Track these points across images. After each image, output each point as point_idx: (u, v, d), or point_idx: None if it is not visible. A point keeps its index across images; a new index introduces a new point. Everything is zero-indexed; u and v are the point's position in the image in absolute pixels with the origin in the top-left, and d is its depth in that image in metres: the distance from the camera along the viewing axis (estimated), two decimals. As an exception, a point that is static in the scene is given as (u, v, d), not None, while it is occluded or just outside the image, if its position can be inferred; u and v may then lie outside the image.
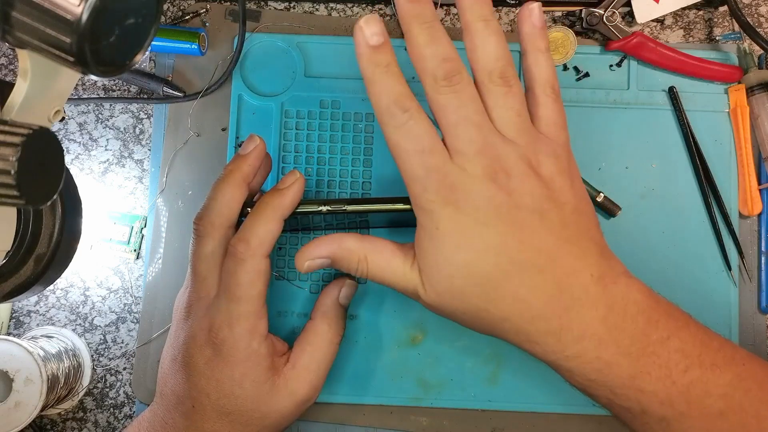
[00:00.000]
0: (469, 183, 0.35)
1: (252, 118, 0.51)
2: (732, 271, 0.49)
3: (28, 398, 0.44)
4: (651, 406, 0.37)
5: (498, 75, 0.36)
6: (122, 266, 0.51)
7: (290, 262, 0.50)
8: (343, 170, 0.50)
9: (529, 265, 0.36)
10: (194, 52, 0.50)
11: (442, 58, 0.35)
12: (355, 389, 0.49)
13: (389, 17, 0.52)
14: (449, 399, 0.49)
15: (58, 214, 0.33)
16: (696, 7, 0.52)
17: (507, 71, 0.36)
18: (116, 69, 0.27)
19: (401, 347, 0.49)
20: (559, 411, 0.49)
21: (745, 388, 0.37)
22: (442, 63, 0.35)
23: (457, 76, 0.35)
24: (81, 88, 0.53)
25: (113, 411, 0.50)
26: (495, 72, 0.36)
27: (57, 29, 0.24)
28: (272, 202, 0.41)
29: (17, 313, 0.51)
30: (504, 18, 0.52)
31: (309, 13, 0.53)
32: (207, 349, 0.41)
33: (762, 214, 0.50)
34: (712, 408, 0.36)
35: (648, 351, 0.36)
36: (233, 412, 0.41)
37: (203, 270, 0.42)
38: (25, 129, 0.25)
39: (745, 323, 0.50)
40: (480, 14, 0.36)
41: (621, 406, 0.38)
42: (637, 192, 0.50)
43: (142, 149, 0.52)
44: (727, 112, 0.51)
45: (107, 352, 0.51)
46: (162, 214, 0.51)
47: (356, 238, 0.40)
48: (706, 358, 0.37)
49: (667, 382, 0.36)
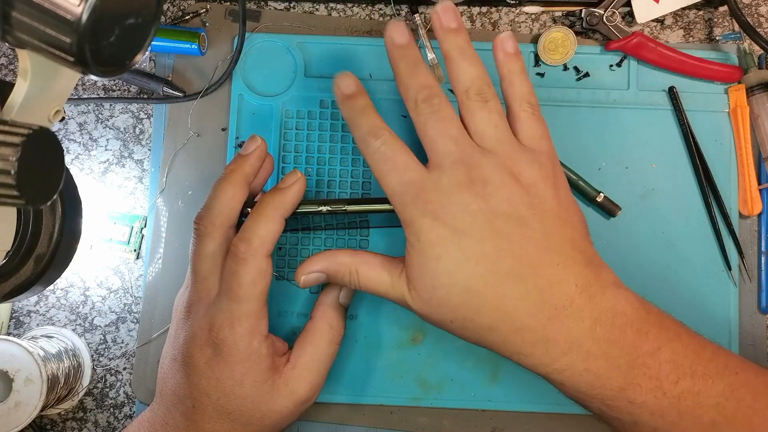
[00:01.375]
0: (445, 193, 0.37)
1: (252, 118, 0.51)
2: (732, 271, 0.49)
3: (28, 398, 0.44)
4: (642, 417, 0.37)
5: (475, 92, 0.39)
6: (122, 266, 0.51)
7: (290, 262, 0.50)
8: (343, 170, 0.50)
9: (510, 274, 0.36)
10: (194, 52, 0.50)
11: (422, 85, 0.39)
12: (355, 389, 0.49)
13: (389, 17, 0.52)
14: (449, 399, 0.49)
15: (58, 214, 0.33)
16: (696, 7, 0.52)
17: (483, 88, 0.39)
18: (116, 69, 0.27)
19: (401, 347, 0.49)
20: (559, 411, 0.49)
21: (737, 398, 0.37)
22: (421, 89, 0.39)
23: (436, 99, 0.39)
24: (81, 88, 0.53)
25: (113, 411, 0.50)
26: (472, 89, 0.39)
27: (57, 29, 0.24)
28: (273, 202, 0.41)
29: (17, 313, 0.51)
30: (504, 18, 0.52)
31: (309, 13, 0.53)
32: (207, 348, 0.41)
33: (762, 214, 0.50)
34: (704, 419, 0.36)
35: (638, 363, 0.36)
36: (233, 411, 0.41)
37: (204, 270, 0.42)
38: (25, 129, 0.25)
39: (745, 323, 0.50)
40: (456, 44, 0.40)
41: (613, 417, 0.38)
42: (637, 192, 0.50)
43: (142, 149, 0.52)
44: (727, 112, 0.51)
45: (107, 352, 0.51)
46: (162, 214, 0.51)
47: (348, 253, 0.41)
48: (698, 368, 0.37)
49: (658, 393, 0.36)
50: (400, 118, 0.51)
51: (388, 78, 0.51)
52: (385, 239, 0.50)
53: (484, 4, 0.52)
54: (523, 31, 0.52)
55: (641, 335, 0.37)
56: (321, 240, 0.50)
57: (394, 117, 0.51)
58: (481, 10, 0.52)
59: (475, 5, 0.52)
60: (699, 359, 0.37)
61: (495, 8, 0.52)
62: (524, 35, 0.52)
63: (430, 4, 0.52)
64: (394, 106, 0.51)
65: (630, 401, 0.36)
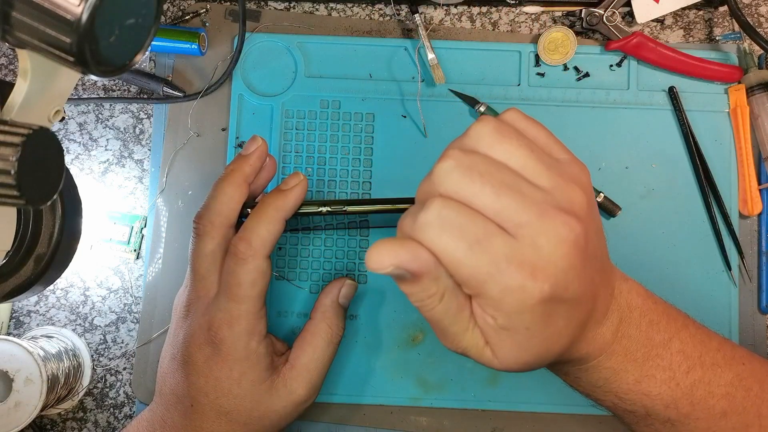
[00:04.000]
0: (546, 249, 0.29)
1: (252, 118, 0.51)
2: (732, 271, 0.49)
3: (28, 398, 0.44)
4: (655, 408, 0.36)
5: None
6: (122, 266, 0.51)
7: (290, 262, 0.50)
8: (343, 170, 0.50)
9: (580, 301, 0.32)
10: (194, 52, 0.50)
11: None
12: (355, 389, 0.49)
13: (389, 17, 0.52)
14: (449, 399, 0.49)
15: (58, 214, 0.33)
16: (696, 7, 0.52)
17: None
18: (116, 69, 0.27)
19: (401, 347, 0.49)
20: (559, 411, 0.49)
21: (746, 387, 0.37)
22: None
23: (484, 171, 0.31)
24: (81, 88, 0.53)
25: (113, 411, 0.50)
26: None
27: (57, 29, 0.24)
28: (275, 203, 0.41)
29: (17, 313, 0.51)
30: (504, 18, 0.52)
31: (309, 13, 0.53)
32: (206, 347, 0.41)
33: (762, 214, 0.50)
34: (716, 409, 0.36)
35: (652, 354, 0.36)
36: (232, 411, 0.41)
37: (203, 269, 0.42)
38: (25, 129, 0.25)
39: (745, 323, 0.50)
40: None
41: (626, 410, 0.37)
42: (637, 192, 0.50)
43: (142, 149, 0.52)
44: (727, 112, 0.51)
45: (107, 352, 0.51)
46: (162, 214, 0.51)
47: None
48: (707, 358, 0.37)
49: (672, 384, 0.36)
50: (400, 118, 0.51)
51: (387, 78, 0.51)
52: (385, 239, 0.50)
53: (484, 4, 0.52)
54: (523, 31, 0.52)
55: (653, 326, 0.36)
56: (321, 240, 0.50)
57: (394, 117, 0.51)
58: (481, 10, 0.52)
59: (475, 5, 0.52)
60: (707, 349, 0.37)
61: (495, 8, 0.52)
62: (524, 35, 0.52)
63: (430, 4, 0.52)
64: (394, 106, 0.51)
65: (645, 394, 0.36)
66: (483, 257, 0.28)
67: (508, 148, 0.30)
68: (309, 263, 0.50)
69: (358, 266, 0.50)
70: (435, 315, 0.31)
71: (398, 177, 0.50)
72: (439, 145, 0.50)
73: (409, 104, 0.51)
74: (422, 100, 0.51)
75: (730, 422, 0.36)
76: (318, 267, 0.50)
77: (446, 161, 0.30)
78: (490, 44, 0.52)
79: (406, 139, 0.51)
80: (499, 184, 0.29)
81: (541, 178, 0.30)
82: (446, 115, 0.51)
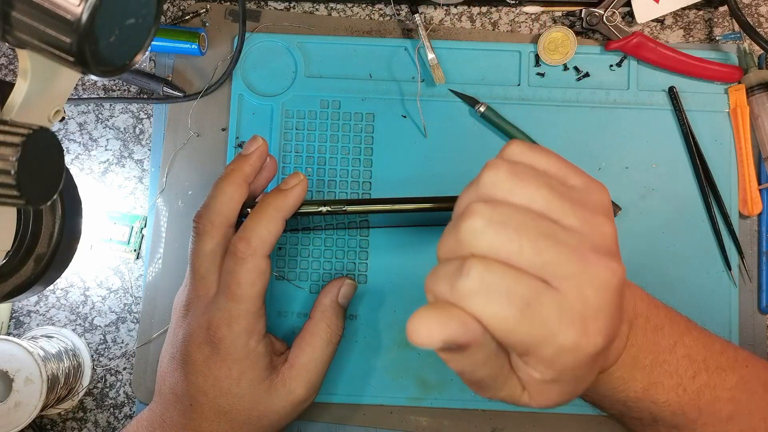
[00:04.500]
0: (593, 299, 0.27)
1: (252, 118, 0.51)
2: (732, 272, 0.49)
3: (28, 398, 0.44)
4: (663, 415, 0.36)
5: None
6: (122, 266, 0.51)
7: (290, 262, 0.50)
8: (343, 170, 0.50)
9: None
10: (194, 52, 0.50)
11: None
12: (354, 389, 0.49)
13: (389, 17, 0.52)
14: (449, 399, 0.49)
15: (58, 214, 0.33)
16: (696, 7, 0.52)
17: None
18: (116, 69, 0.27)
19: (401, 347, 0.49)
20: (559, 411, 0.49)
21: (750, 390, 0.37)
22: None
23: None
24: (81, 88, 0.53)
25: (113, 411, 0.50)
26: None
27: (57, 29, 0.24)
28: (275, 203, 0.41)
29: (17, 313, 0.51)
30: (504, 18, 0.52)
31: (309, 13, 0.53)
32: (205, 347, 0.41)
33: (762, 214, 0.50)
34: (722, 413, 0.36)
35: (659, 360, 0.35)
36: (231, 410, 0.41)
37: (202, 268, 0.42)
38: (25, 129, 0.25)
39: (745, 323, 0.50)
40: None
41: (633, 418, 0.37)
42: (637, 192, 0.50)
43: (142, 149, 0.52)
44: (727, 112, 0.51)
45: (107, 352, 0.51)
46: (162, 214, 0.51)
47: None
48: (712, 362, 0.36)
49: (679, 391, 0.35)
50: (400, 118, 0.51)
51: (387, 78, 0.51)
52: (385, 239, 0.50)
53: (484, 4, 0.52)
54: (523, 31, 0.52)
55: (658, 331, 0.36)
56: (321, 240, 0.50)
57: (394, 117, 0.51)
58: (481, 10, 0.52)
59: (475, 5, 0.52)
60: (711, 353, 0.37)
61: (495, 8, 0.52)
62: (524, 35, 0.52)
63: (430, 4, 0.52)
64: (394, 106, 0.51)
65: (653, 401, 0.36)
66: (534, 320, 0.26)
67: (528, 190, 0.28)
68: (309, 263, 0.50)
69: (357, 266, 0.50)
70: (476, 377, 0.30)
71: (398, 177, 0.50)
72: (439, 145, 0.50)
73: (409, 104, 0.51)
74: (422, 100, 0.51)
75: (737, 426, 0.36)
76: (318, 267, 0.50)
77: (473, 219, 0.27)
78: (490, 44, 0.52)
79: (406, 139, 0.51)
80: (536, 237, 0.27)
81: (569, 217, 0.28)
82: (446, 115, 0.51)
